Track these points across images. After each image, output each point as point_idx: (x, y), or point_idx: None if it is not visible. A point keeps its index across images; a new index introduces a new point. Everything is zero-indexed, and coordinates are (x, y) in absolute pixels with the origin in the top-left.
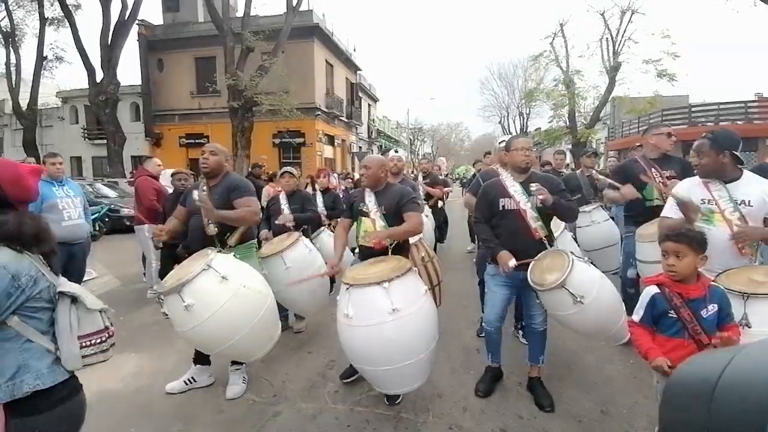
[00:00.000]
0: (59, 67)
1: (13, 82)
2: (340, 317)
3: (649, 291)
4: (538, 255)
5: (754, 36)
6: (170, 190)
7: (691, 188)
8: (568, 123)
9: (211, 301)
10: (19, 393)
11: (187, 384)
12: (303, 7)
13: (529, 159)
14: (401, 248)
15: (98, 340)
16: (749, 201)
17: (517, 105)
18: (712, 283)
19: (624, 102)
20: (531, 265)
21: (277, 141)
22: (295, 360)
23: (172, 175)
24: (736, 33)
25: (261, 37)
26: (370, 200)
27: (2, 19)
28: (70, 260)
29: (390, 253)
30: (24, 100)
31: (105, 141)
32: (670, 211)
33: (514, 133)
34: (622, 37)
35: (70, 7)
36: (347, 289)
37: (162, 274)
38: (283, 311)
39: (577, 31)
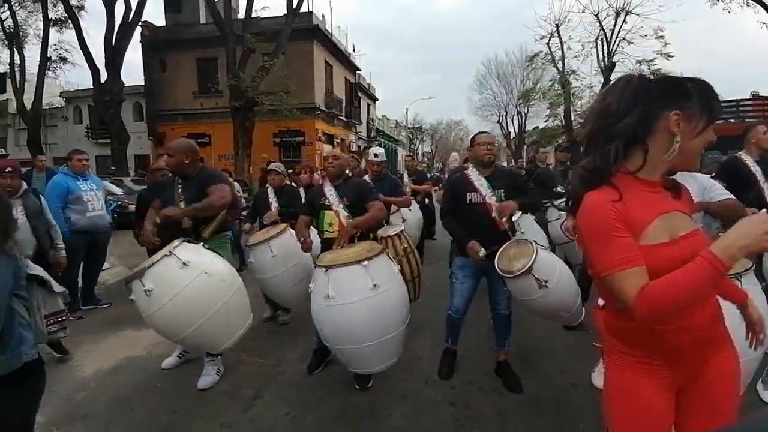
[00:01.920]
0: (63, 67)
1: (18, 83)
2: (319, 301)
3: None
4: (505, 245)
5: (749, 35)
6: None
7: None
8: (563, 122)
9: (171, 285)
10: (19, 363)
11: (180, 357)
12: (303, 9)
13: (491, 153)
14: (365, 238)
15: (59, 319)
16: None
17: (516, 104)
18: None
19: None
20: (498, 254)
21: (277, 140)
22: (292, 337)
23: (152, 171)
24: (733, 33)
25: (262, 38)
26: (330, 193)
27: (6, 20)
28: (93, 248)
29: (356, 241)
30: (28, 100)
31: (108, 140)
32: None
33: (512, 133)
34: (617, 37)
35: (73, 8)
36: (326, 271)
37: None
38: (276, 306)
39: (572, 32)
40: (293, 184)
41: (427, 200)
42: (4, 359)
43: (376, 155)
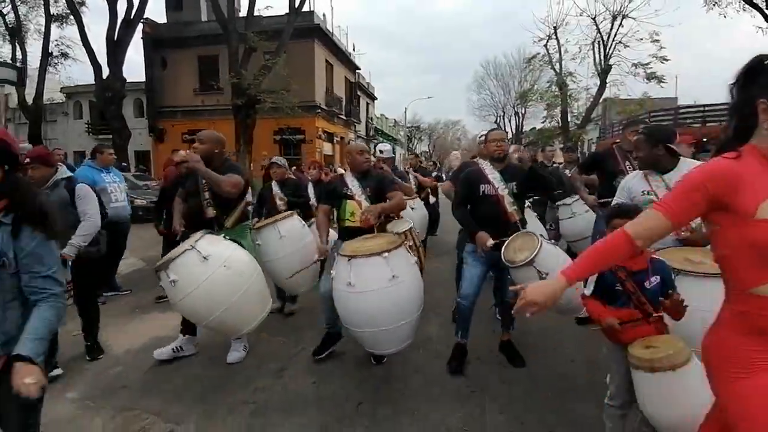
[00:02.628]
0: (64, 63)
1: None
2: (341, 287)
3: None
4: (512, 236)
5: (747, 37)
6: None
7: (633, 181)
8: (560, 123)
9: (192, 278)
10: None
11: (174, 351)
12: (304, 9)
13: (501, 150)
14: (383, 228)
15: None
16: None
17: (513, 105)
18: (653, 256)
19: (615, 103)
20: (505, 244)
21: (278, 138)
22: (309, 319)
23: (178, 164)
24: (731, 35)
25: (264, 37)
26: (353, 184)
27: (7, 14)
28: (115, 238)
29: (375, 231)
30: (29, 96)
31: (108, 136)
32: (619, 199)
33: (509, 133)
34: (613, 40)
35: (75, 4)
36: (348, 260)
37: None
38: (283, 298)
39: (570, 35)
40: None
41: (432, 198)
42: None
43: (381, 151)
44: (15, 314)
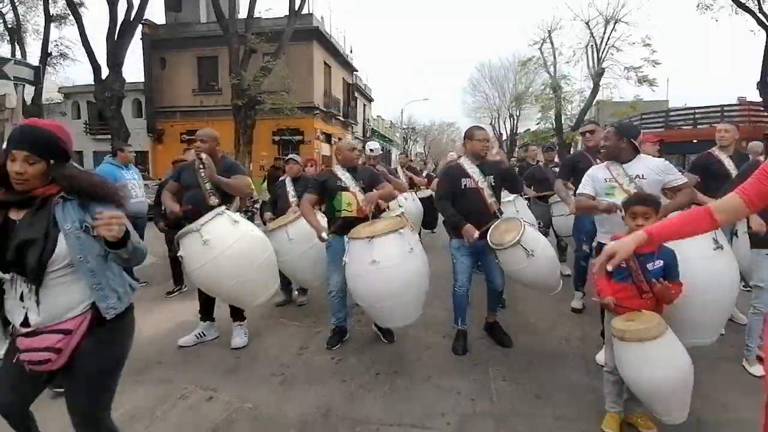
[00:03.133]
0: (63, 63)
1: None
2: (363, 267)
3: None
4: (495, 222)
5: (736, 42)
6: None
7: (597, 170)
8: (554, 125)
9: (225, 237)
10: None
11: (198, 337)
12: (303, 11)
13: (486, 148)
14: (377, 217)
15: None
16: (642, 174)
17: (508, 107)
18: (665, 244)
19: (607, 106)
20: (490, 230)
21: (276, 138)
22: (321, 307)
23: (176, 162)
24: (721, 40)
25: (263, 38)
26: (346, 177)
27: (6, 13)
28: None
29: (370, 219)
30: (28, 95)
31: (106, 136)
32: (584, 188)
33: (504, 134)
34: (606, 44)
35: (75, 5)
36: (369, 241)
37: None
38: (287, 283)
39: (564, 38)
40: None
41: (427, 192)
42: (120, 304)
43: (372, 150)
44: (77, 287)
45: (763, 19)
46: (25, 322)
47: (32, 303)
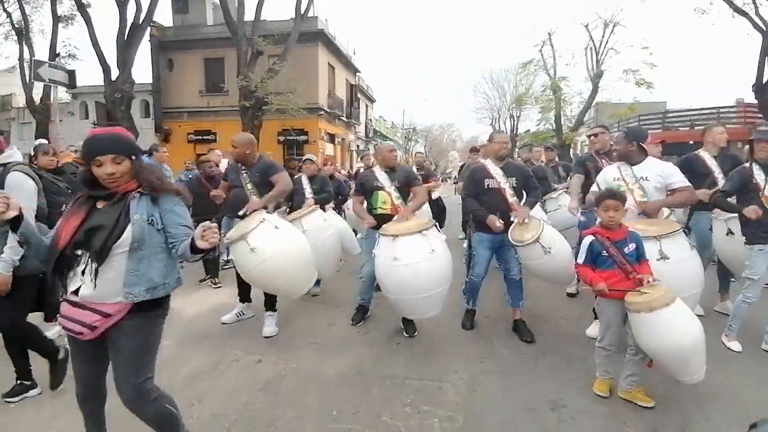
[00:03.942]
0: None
1: (27, 78)
2: (386, 262)
3: (588, 240)
4: (516, 222)
5: (735, 43)
6: None
7: (608, 170)
8: (554, 126)
9: (269, 243)
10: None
11: (237, 316)
12: (308, 14)
13: (504, 149)
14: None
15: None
16: (647, 177)
17: (508, 108)
18: (630, 229)
19: (606, 107)
20: (511, 227)
21: (282, 138)
22: (344, 293)
23: (201, 162)
24: (721, 41)
25: (270, 41)
26: (383, 177)
27: (13, 12)
28: None
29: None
30: (36, 96)
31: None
32: (595, 187)
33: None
34: (605, 47)
35: (84, 7)
36: (393, 239)
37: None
38: None
39: (564, 41)
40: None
41: (435, 194)
42: (168, 284)
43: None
44: (160, 265)
45: (759, 23)
46: (76, 292)
47: (89, 279)
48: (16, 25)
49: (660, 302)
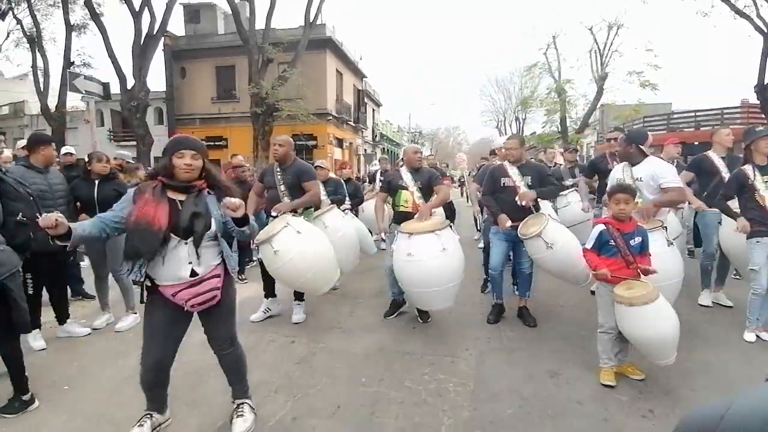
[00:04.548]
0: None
1: (42, 86)
2: (402, 257)
3: (598, 228)
4: (528, 217)
5: (740, 44)
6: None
7: (617, 170)
8: (559, 128)
9: (291, 247)
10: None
11: (265, 313)
12: (316, 21)
13: (509, 154)
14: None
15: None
16: (641, 177)
17: (514, 110)
18: (639, 224)
19: (611, 109)
20: (521, 224)
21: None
22: (360, 286)
23: (235, 167)
24: (726, 42)
25: (279, 48)
26: (407, 177)
27: (24, 18)
28: None
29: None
30: (51, 103)
31: (130, 143)
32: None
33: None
34: (609, 49)
35: (99, 17)
36: (409, 237)
37: None
38: None
39: (568, 44)
40: (334, 177)
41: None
42: (233, 257)
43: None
44: (216, 251)
45: (761, 25)
46: (193, 274)
47: (196, 260)
48: (28, 33)
49: (640, 300)
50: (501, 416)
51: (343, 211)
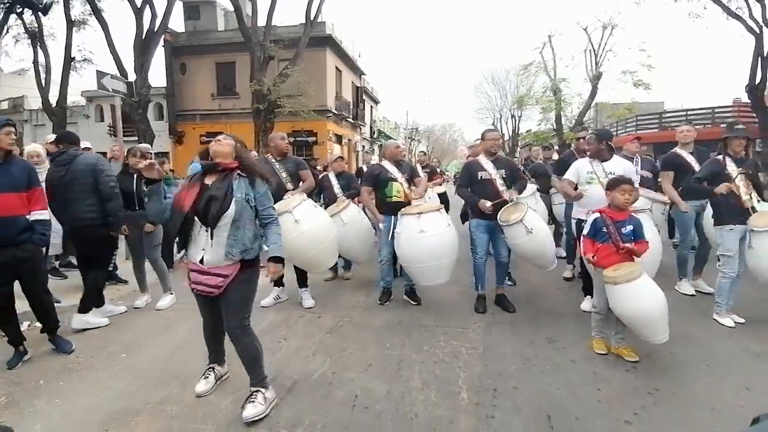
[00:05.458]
0: (86, 68)
1: (43, 81)
2: (413, 235)
3: (594, 216)
4: (505, 206)
5: (731, 45)
6: None
7: (582, 164)
8: (554, 126)
9: (310, 217)
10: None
11: (275, 299)
12: (316, 19)
13: (497, 146)
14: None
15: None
16: (614, 172)
17: (509, 108)
18: (632, 214)
19: (605, 107)
20: (501, 211)
21: (292, 140)
22: (371, 273)
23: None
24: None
25: (280, 45)
26: (394, 170)
27: (23, 13)
28: None
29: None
30: (52, 98)
31: (130, 138)
32: (568, 175)
33: (506, 134)
34: (604, 49)
35: (101, 14)
36: (418, 216)
37: None
38: (335, 270)
39: (564, 43)
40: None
41: (440, 189)
42: (254, 249)
43: (422, 152)
44: (250, 233)
45: (753, 26)
46: (201, 261)
47: (208, 246)
48: (29, 28)
49: (623, 279)
50: (508, 370)
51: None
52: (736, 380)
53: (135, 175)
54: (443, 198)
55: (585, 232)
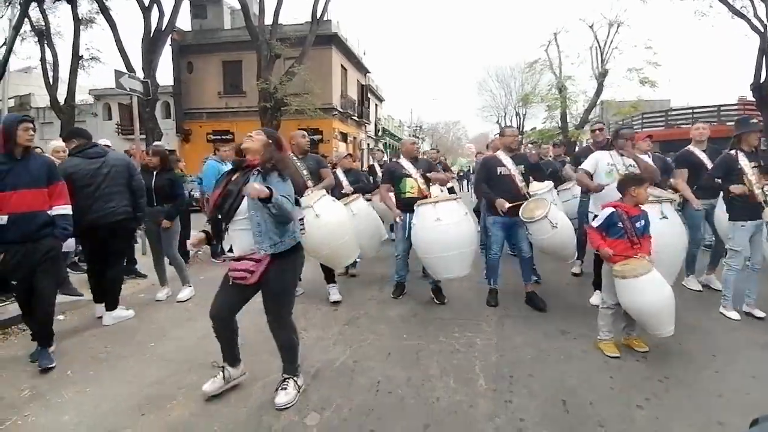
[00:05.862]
0: (94, 66)
1: (51, 79)
2: (429, 225)
3: (608, 210)
4: (526, 202)
5: (737, 43)
6: None
7: (602, 155)
8: (560, 124)
9: (329, 212)
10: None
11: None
12: (322, 17)
13: (516, 142)
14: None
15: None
16: (633, 165)
17: (514, 106)
18: (643, 208)
19: (611, 105)
20: (522, 207)
21: None
22: (383, 267)
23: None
24: (724, 41)
25: (286, 44)
26: (409, 166)
27: (31, 9)
28: None
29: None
30: (60, 96)
31: (132, 136)
32: (585, 165)
33: None
34: (609, 47)
35: (109, 13)
36: (434, 205)
37: None
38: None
39: (569, 41)
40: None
41: (450, 184)
42: (285, 242)
43: (433, 148)
44: (273, 227)
45: (757, 24)
46: (230, 250)
47: (232, 238)
48: (36, 26)
49: (631, 273)
50: (523, 359)
51: (367, 200)
52: (743, 369)
53: (154, 172)
54: (451, 192)
55: (596, 224)
